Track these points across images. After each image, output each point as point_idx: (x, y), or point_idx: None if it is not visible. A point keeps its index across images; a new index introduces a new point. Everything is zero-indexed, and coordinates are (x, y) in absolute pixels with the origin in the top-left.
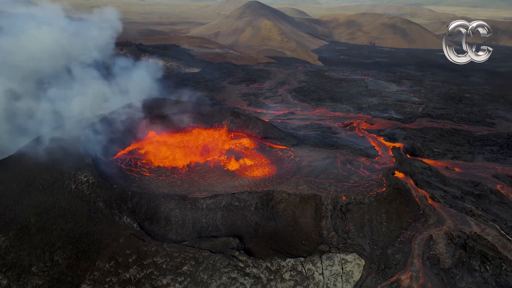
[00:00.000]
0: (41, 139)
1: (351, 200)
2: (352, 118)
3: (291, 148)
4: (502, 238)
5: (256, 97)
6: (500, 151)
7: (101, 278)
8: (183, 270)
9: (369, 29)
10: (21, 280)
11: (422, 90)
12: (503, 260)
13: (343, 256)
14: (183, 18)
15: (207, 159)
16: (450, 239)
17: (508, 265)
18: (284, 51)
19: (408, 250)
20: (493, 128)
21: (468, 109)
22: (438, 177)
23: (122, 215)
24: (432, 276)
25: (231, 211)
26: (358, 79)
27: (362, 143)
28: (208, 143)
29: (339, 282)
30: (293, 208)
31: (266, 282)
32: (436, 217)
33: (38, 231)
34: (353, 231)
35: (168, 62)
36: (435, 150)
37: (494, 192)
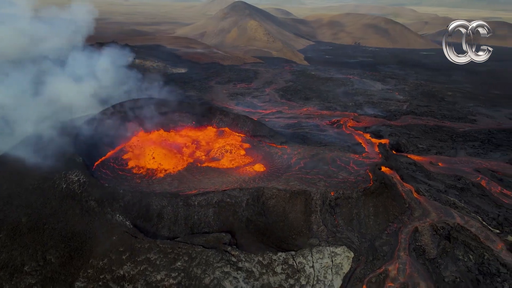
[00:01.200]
0: (28, 140)
1: (340, 195)
2: (339, 116)
3: (280, 145)
4: (484, 229)
5: (243, 96)
6: (481, 146)
7: (95, 276)
8: (177, 266)
9: (353, 29)
10: (13, 280)
11: (406, 89)
12: (485, 250)
13: (333, 249)
14: (168, 18)
15: (197, 157)
16: (435, 231)
17: (490, 254)
18: (270, 51)
19: (395, 242)
20: (474, 125)
21: (451, 106)
22: (423, 171)
23: (115, 213)
24: (418, 266)
25: (223, 208)
26: (344, 78)
27: (349, 140)
28: (197, 142)
29: (329, 274)
30: (283, 203)
31: (258, 276)
32: (421, 210)
33: (29, 230)
34: (342, 225)
35: (154, 63)
36: (420, 146)
37: (476, 185)
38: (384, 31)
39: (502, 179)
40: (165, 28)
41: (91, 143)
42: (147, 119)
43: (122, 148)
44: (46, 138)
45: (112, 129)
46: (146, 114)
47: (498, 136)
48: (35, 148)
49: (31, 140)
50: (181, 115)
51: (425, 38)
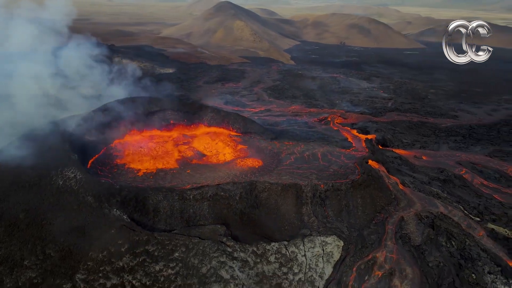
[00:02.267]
0: (21, 138)
1: (329, 187)
2: (326, 113)
3: (270, 141)
4: (466, 217)
5: (232, 95)
6: (462, 141)
7: (95, 268)
8: (175, 257)
9: (339, 29)
10: (14, 274)
11: (391, 87)
12: (467, 237)
13: (324, 239)
14: (153, 18)
15: (188, 154)
16: (419, 220)
17: (471, 240)
18: (257, 51)
19: (382, 231)
20: (456, 120)
21: (434, 103)
22: (408, 165)
23: (112, 208)
24: (404, 252)
25: (217, 201)
26: (330, 77)
27: (337, 136)
28: (188, 139)
29: (320, 262)
30: (275, 196)
31: (253, 265)
32: (407, 201)
33: (27, 226)
34: (331, 215)
35: (142, 63)
36: (404, 141)
37: (458, 177)
38: (369, 31)
39: (482, 171)
40: (151, 28)
41: (85, 142)
42: (139, 117)
43: (114, 146)
44: (39, 137)
45: (104, 128)
46: (138, 112)
47: (478, 131)
48: (28, 146)
49: (23, 138)
50: (172, 113)
51: (409, 37)
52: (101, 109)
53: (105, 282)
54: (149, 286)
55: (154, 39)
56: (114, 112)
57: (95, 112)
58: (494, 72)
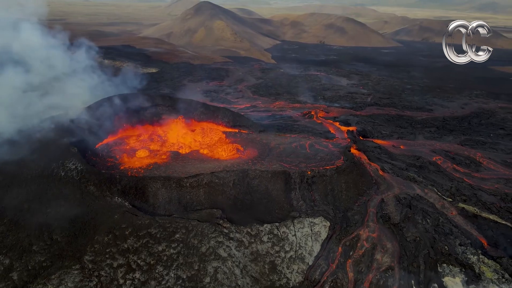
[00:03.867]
0: (20, 133)
1: (315, 174)
2: (309, 108)
3: (259, 134)
4: (439, 198)
5: (217, 93)
6: (436, 131)
7: (101, 250)
8: (176, 238)
9: (318, 28)
10: (23, 259)
11: (370, 83)
12: (440, 215)
13: (312, 220)
14: (132, 19)
15: (180, 147)
16: (398, 201)
17: (444, 218)
18: (238, 50)
19: (364, 212)
20: (431, 113)
21: (410, 98)
22: (387, 153)
23: (113, 196)
24: (385, 230)
25: (212, 188)
26: (311, 75)
27: (321, 128)
28: (181, 133)
29: (309, 241)
30: (266, 183)
31: (248, 245)
32: (386, 185)
33: (33, 215)
34: (318, 199)
35: (124, 63)
36: (383, 132)
37: (432, 163)
38: (347, 30)
39: (454, 157)
40: (131, 28)
41: (82, 136)
42: (132, 113)
43: (110, 141)
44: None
45: (100, 123)
46: (131, 109)
47: (451, 122)
48: (28, 141)
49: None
50: (163, 109)
51: (385, 36)
52: (94, 106)
53: (111, 262)
54: (153, 264)
55: (135, 39)
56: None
57: (89, 109)
58: (466, 70)
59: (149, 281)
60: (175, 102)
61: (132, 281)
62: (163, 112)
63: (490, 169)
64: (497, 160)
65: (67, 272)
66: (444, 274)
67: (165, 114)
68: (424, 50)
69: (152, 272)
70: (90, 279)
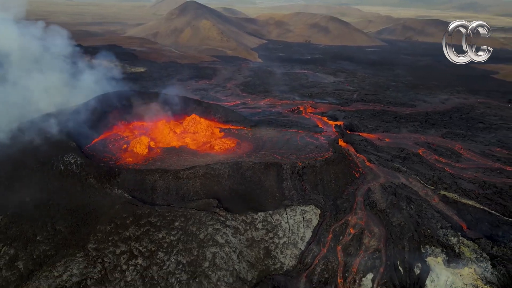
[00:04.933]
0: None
1: (306, 165)
2: (298, 104)
3: (251, 128)
4: (422, 186)
5: (206, 91)
6: (420, 125)
7: (104, 238)
8: (175, 226)
9: (303, 27)
10: (28, 248)
11: (355, 81)
12: (423, 201)
13: (303, 208)
14: (117, 19)
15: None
16: (384, 189)
17: (427, 204)
18: (225, 50)
19: (352, 200)
20: (414, 109)
21: (394, 94)
22: (373, 146)
23: (113, 188)
24: (372, 216)
25: (208, 179)
26: (298, 73)
27: (309, 123)
28: (175, 129)
29: (301, 228)
30: (259, 173)
31: (243, 231)
32: (373, 175)
33: (35, 207)
34: (309, 189)
35: (112, 62)
36: (369, 126)
37: (415, 154)
38: (332, 30)
39: (436, 149)
40: (116, 28)
41: (79, 131)
42: (126, 110)
43: (105, 137)
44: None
45: (96, 119)
46: (124, 105)
47: (433, 117)
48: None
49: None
50: (157, 106)
51: (370, 35)
52: (90, 103)
53: (114, 249)
54: (154, 251)
55: (121, 39)
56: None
57: (85, 106)
58: (448, 68)
59: (151, 266)
60: (168, 99)
61: (135, 267)
62: (156, 109)
63: (469, 159)
64: (476, 151)
65: (72, 259)
66: (427, 254)
67: (158, 110)
68: (407, 49)
69: (153, 258)
70: (95, 266)
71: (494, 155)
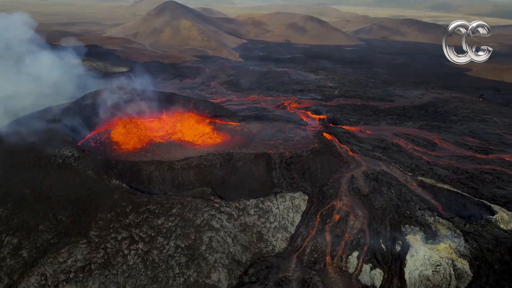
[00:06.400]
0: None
1: (293, 155)
2: (282, 100)
3: (239, 123)
4: (402, 173)
5: (192, 90)
6: (398, 118)
7: (105, 225)
8: (173, 212)
9: (283, 27)
10: (31, 237)
11: (336, 78)
12: (402, 186)
13: (292, 194)
14: (95, 19)
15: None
16: (366, 176)
17: (406, 189)
18: (206, 50)
19: (337, 186)
20: (392, 103)
21: (373, 90)
22: (355, 137)
23: (111, 179)
24: (356, 200)
25: (201, 169)
26: (281, 71)
27: (294, 117)
28: (165, 124)
29: (291, 213)
30: (249, 164)
31: (237, 217)
32: (356, 163)
33: (35, 199)
34: (296, 177)
35: (94, 62)
36: (351, 120)
37: (394, 145)
38: (312, 29)
39: (413, 139)
40: (94, 28)
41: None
42: (119, 106)
43: (100, 131)
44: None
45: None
46: (118, 102)
47: (410, 110)
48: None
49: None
50: (147, 102)
51: (348, 35)
52: (83, 99)
53: (116, 236)
54: (154, 236)
55: (101, 39)
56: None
57: (77, 102)
58: (423, 65)
59: (151, 250)
60: (157, 96)
61: (136, 251)
62: (147, 105)
63: (444, 148)
64: (450, 141)
65: (75, 246)
66: (406, 233)
67: (149, 107)
68: (384, 48)
69: (153, 243)
70: (97, 251)
71: (467, 144)
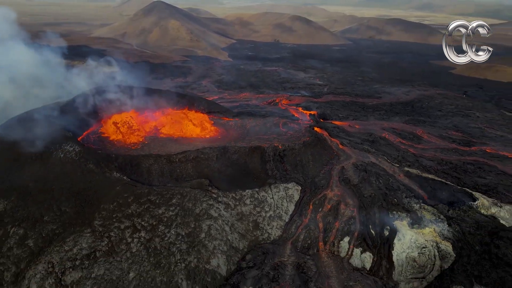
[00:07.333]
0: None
1: (286, 148)
2: (273, 97)
3: (232, 118)
4: (389, 164)
5: (183, 89)
6: (385, 114)
7: (108, 215)
8: (173, 202)
9: (272, 27)
10: (37, 227)
11: (325, 76)
12: (390, 176)
13: (286, 185)
14: (81, 19)
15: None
16: (355, 167)
17: (393, 179)
18: (195, 50)
19: (329, 177)
20: (380, 100)
21: (362, 88)
22: (344, 131)
23: (112, 172)
24: (346, 189)
25: (199, 162)
26: (270, 70)
27: (286, 113)
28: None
29: (285, 202)
30: (244, 156)
31: (234, 207)
32: (345, 156)
33: (39, 192)
34: (289, 169)
35: (83, 62)
36: (340, 115)
37: (382, 138)
38: (300, 29)
39: (400, 133)
40: (81, 29)
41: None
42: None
43: (97, 127)
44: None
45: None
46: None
47: (397, 107)
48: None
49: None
50: (142, 99)
51: (336, 34)
52: (82, 95)
53: (119, 225)
54: (155, 225)
55: (90, 39)
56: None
57: (76, 99)
58: (409, 64)
59: (153, 238)
60: (151, 93)
61: (139, 239)
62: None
63: (429, 141)
64: (435, 134)
65: (80, 235)
66: (394, 219)
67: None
68: (371, 47)
69: (155, 231)
70: (102, 240)
71: (451, 138)
